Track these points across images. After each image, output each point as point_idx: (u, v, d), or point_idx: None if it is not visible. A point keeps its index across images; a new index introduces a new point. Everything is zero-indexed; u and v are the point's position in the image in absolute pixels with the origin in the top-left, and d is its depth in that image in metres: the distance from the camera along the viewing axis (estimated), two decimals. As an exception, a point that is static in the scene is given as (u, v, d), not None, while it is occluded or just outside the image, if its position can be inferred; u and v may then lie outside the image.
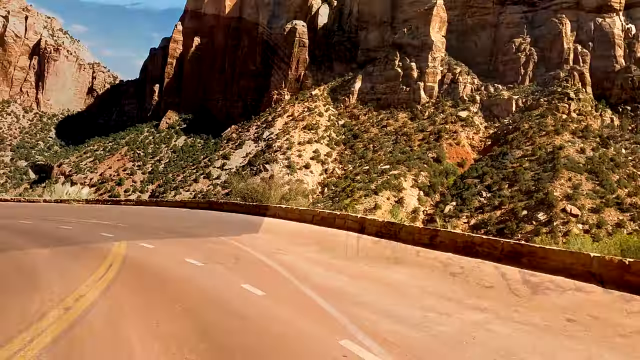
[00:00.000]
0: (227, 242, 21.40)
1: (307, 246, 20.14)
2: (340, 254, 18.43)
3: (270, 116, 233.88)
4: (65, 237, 22.40)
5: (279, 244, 20.75)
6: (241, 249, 19.41)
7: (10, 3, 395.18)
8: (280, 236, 23.95)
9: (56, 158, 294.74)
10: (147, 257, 17.93)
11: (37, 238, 22.07)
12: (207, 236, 23.98)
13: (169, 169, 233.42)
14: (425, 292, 12.47)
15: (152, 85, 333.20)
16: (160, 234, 25.08)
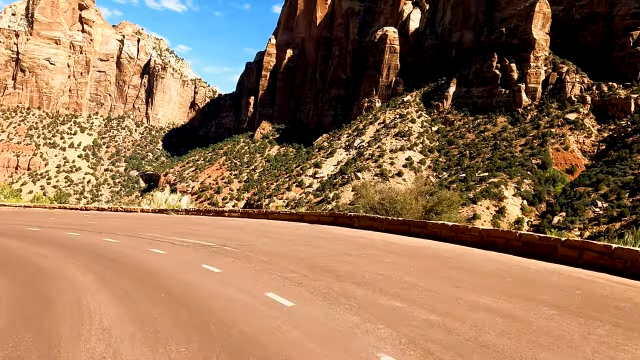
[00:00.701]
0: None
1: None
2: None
3: (361, 124, 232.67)
4: (152, 278, 14.32)
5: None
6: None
7: (125, 28, 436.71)
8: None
9: (163, 168, 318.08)
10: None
11: (117, 276, 14.65)
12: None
13: (263, 177, 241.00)
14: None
15: (247, 97, 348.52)
16: (325, 281, 13.52)
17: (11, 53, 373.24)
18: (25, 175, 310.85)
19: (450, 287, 12.80)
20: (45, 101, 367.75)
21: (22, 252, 19.50)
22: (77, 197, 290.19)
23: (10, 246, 21.09)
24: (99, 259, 17.57)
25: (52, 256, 18.21)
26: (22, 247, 20.82)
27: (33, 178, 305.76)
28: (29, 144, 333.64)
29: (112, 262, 16.97)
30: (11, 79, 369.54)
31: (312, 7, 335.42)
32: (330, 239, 21.97)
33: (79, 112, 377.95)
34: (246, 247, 19.38)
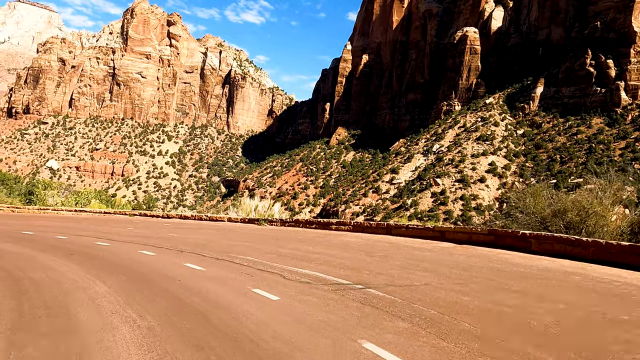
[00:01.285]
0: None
1: None
2: None
3: (439, 128, 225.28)
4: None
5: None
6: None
7: (209, 41, 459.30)
8: None
9: (242, 174, 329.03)
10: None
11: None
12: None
13: (339, 183, 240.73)
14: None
15: (323, 104, 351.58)
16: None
17: (108, 68, 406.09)
18: (119, 180, 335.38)
19: None
20: (137, 112, 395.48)
21: (71, 285, 12.97)
22: (164, 201, 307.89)
23: (63, 275, 14.46)
24: (180, 311, 10.40)
25: (109, 298, 11.57)
26: (78, 275, 14.31)
27: (126, 183, 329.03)
28: (123, 152, 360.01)
29: (198, 318, 9.91)
30: (108, 92, 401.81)
31: (387, 12, 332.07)
32: (555, 284, 12.79)
33: (167, 121, 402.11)
34: (406, 291, 11.83)
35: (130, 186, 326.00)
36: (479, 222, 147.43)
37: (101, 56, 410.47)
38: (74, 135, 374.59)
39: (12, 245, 20.99)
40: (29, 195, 50.81)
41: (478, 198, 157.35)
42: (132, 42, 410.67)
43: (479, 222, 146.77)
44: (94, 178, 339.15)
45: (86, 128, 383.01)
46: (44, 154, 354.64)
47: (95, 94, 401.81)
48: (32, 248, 20.46)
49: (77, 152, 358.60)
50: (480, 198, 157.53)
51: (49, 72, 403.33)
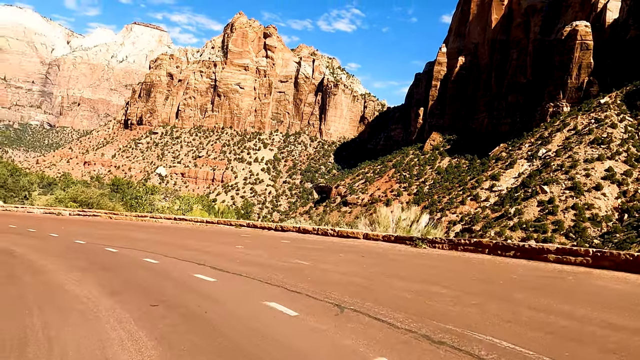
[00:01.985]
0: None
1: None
2: None
3: (546, 131, 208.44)
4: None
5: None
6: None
7: (302, 50, 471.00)
8: None
9: (334, 180, 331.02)
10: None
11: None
12: None
13: (434, 190, 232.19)
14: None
15: (416, 109, 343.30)
16: None
17: (210, 81, 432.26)
18: (219, 186, 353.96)
19: None
20: (236, 121, 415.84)
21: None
22: (260, 207, 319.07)
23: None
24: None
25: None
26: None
27: (225, 189, 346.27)
28: (223, 159, 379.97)
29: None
30: (210, 103, 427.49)
31: (486, 10, 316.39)
32: None
33: (263, 129, 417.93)
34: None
35: (229, 192, 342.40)
36: (595, 235, 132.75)
37: (204, 70, 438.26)
38: (180, 144, 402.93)
39: (78, 275, 13.56)
40: (135, 199, 53.31)
41: (593, 207, 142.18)
42: (231, 55, 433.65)
43: (595, 235, 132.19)
44: (196, 184, 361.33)
45: (190, 137, 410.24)
46: (154, 162, 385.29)
47: (198, 105, 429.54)
48: (103, 286, 12.08)
49: (182, 160, 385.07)
50: (596, 207, 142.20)
51: (159, 86, 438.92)
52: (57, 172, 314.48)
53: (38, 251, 19.43)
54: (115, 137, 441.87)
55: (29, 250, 19.61)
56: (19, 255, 18.12)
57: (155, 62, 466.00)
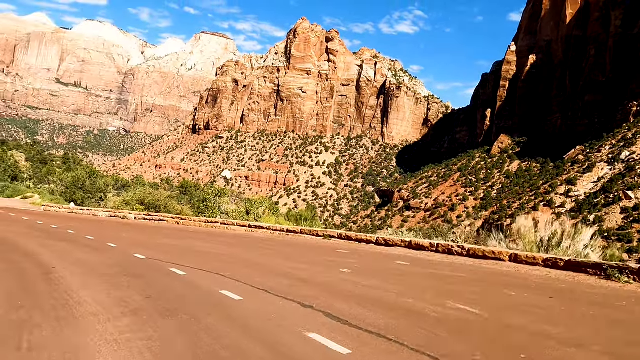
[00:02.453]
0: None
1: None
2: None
3: (629, 132, 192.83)
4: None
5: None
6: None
7: (364, 54, 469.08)
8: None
9: (396, 184, 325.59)
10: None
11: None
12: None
13: (503, 195, 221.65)
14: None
15: (483, 110, 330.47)
16: None
17: (273, 86, 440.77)
18: (281, 189, 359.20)
19: None
20: (298, 125, 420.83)
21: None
22: (321, 210, 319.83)
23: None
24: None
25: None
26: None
27: (287, 192, 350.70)
28: (285, 162, 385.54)
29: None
30: (273, 107, 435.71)
31: (559, 5, 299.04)
32: None
33: (324, 133, 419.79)
34: None
35: (291, 195, 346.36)
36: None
37: (267, 75, 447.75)
38: (244, 147, 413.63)
39: (127, 323, 9.43)
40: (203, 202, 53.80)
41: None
42: (294, 60, 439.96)
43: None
44: (259, 187, 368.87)
45: (254, 141, 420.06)
46: (220, 165, 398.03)
47: (262, 109, 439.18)
48: (162, 354, 7.74)
49: (246, 163, 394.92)
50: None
51: (224, 92, 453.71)
52: (131, 174, 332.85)
53: (85, 270, 15.99)
54: (184, 141, 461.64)
55: (74, 268, 16.37)
56: (58, 277, 14.33)
57: (222, 69, 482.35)
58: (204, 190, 68.44)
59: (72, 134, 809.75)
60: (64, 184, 63.19)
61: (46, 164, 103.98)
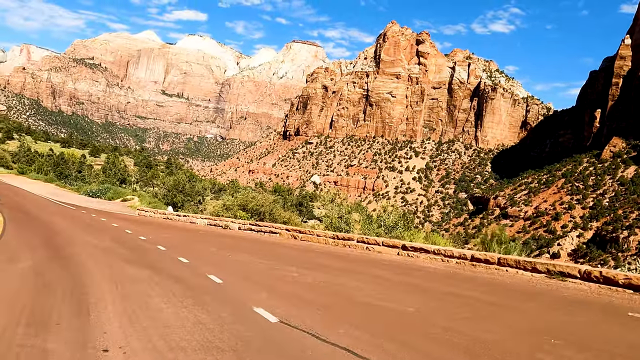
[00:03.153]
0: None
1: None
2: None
3: None
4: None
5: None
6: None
7: (456, 55, 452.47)
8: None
9: (492, 190, 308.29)
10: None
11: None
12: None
13: (617, 204, 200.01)
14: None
15: (591, 111, 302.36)
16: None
17: (362, 91, 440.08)
18: (370, 195, 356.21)
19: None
20: (387, 130, 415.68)
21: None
22: (411, 216, 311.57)
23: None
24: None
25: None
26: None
27: (376, 197, 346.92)
28: (374, 167, 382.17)
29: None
30: (362, 112, 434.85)
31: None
32: None
33: (414, 138, 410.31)
34: None
35: (380, 200, 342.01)
36: None
37: (356, 80, 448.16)
38: (333, 153, 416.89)
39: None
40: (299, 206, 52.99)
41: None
42: (383, 65, 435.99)
43: None
44: (348, 192, 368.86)
45: (343, 146, 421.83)
46: (309, 170, 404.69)
47: (351, 115, 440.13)
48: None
49: (335, 168, 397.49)
50: None
51: (314, 98, 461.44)
52: (227, 179, 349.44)
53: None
54: (275, 147, 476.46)
55: (146, 350, 9.32)
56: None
57: (312, 75, 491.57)
58: (301, 195, 68.30)
59: (174, 141, 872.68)
60: (166, 186, 66.01)
61: (151, 168, 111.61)
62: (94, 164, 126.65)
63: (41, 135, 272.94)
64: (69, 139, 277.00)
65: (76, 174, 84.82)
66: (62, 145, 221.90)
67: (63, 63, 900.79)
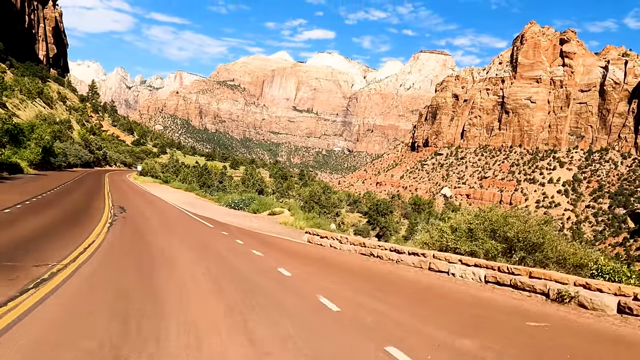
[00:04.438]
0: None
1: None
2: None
3: None
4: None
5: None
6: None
7: (609, 53, 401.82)
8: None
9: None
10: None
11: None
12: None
13: None
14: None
15: None
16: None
17: (497, 98, 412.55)
18: (506, 209, 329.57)
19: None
20: (526, 139, 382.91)
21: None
22: (556, 234, 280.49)
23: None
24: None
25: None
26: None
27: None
28: (511, 180, 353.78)
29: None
30: (497, 121, 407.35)
31: None
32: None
33: (558, 146, 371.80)
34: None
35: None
36: None
37: (490, 87, 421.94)
38: (465, 164, 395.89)
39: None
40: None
41: None
42: (521, 68, 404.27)
43: None
44: (482, 206, 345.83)
45: (475, 157, 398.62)
46: (439, 182, 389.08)
47: (484, 124, 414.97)
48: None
49: (467, 181, 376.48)
50: None
51: (444, 108, 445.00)
52: (354, 191, 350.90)
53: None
54: (403, 159, 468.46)
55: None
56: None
57: (441, 84, 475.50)
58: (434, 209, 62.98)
59: (304, 155, 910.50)
60: (302, 197, 65.10)
61: (286, 180, 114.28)
62: (233, 175, 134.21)
63: (189, 150, 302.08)
64: (212, 153, 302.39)
65: (217, 184, 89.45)
66: (206, 159, 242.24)
67: (208, 86, 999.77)
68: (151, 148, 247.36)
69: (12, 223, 22.75)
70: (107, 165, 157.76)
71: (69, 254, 16.56)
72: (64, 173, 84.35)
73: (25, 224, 23.05)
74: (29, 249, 16.72)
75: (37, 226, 22.72)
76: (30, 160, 76.80)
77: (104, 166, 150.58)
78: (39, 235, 20.15)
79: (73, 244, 18.98)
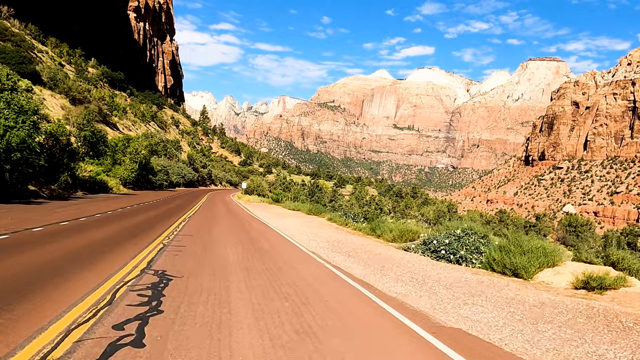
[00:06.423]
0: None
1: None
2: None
3: None
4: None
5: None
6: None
7: None
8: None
9: None
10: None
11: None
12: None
13: None
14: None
15: None
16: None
17: (627, 103, 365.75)
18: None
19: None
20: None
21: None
22: None
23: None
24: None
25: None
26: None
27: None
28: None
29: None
30: (628, 128, 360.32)
31: None
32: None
33: None
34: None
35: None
36: None
37: (618, 91, 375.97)
38: (590, 178, 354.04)
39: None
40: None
41: None
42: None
43: None
44: (614, 225, 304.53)
45: (603, 170, 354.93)
46: (560, 199, 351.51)
47: (612, 132, 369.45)
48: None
49: (594, 196, 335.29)
50: None
51: (562, 117, 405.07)
52: (462, 209, 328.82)
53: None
54: (515, 174, 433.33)
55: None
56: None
57: (557, 92, 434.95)
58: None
59: (406, 172, 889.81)
60: (425, 217, 55.60)
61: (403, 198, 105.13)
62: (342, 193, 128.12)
63: (294, 170, 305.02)
64: (317, 171, 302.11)
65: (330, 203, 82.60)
66: (311, 178, 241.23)
67: (310, 108, 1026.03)
68: (257, 168, 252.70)
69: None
70: (212, 184, 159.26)
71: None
72: (157, 192, 74.94)
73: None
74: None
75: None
76: (124, 178, 69.86)
77: (208, 185, 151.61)
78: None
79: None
